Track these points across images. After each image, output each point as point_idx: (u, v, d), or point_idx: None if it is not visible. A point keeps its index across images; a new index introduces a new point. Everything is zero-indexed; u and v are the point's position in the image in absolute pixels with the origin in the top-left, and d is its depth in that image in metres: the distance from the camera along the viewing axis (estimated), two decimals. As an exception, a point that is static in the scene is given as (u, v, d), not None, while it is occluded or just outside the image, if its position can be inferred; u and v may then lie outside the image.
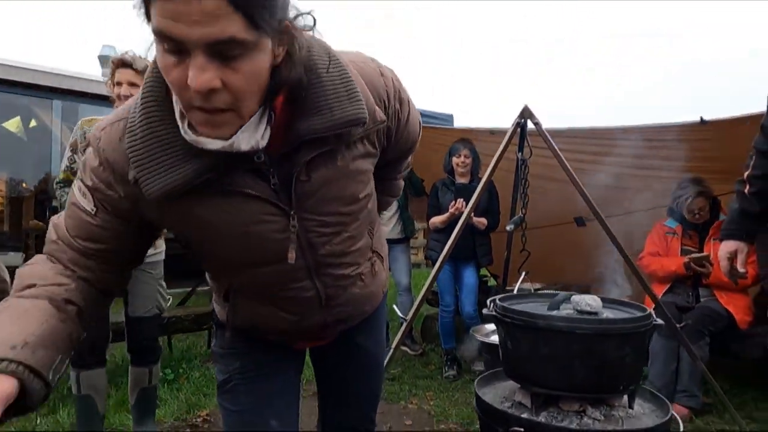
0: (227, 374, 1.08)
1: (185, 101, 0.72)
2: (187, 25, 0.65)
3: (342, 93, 0.83)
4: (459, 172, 3.60)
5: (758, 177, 1.67)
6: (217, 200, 0.82)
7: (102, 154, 0.82)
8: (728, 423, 2.69)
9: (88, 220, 0.84)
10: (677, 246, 3.10)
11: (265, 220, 0.86)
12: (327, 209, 0.90)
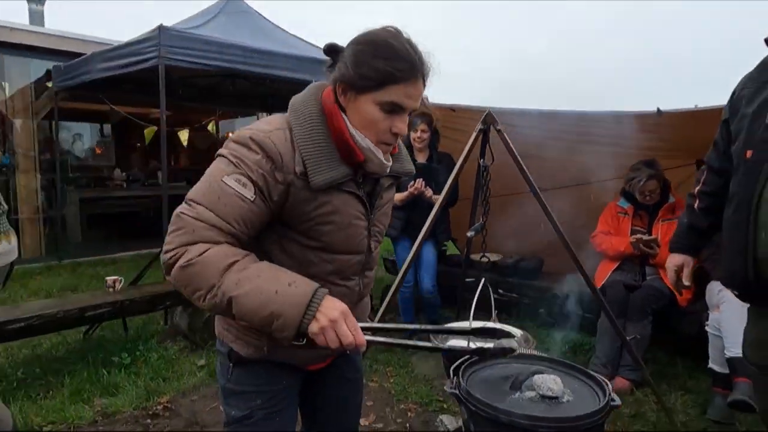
0: (248, 410, 1.21)
1: (379, 138, 1.11)
2: (414, 100, 1.10)
3: (404, 151, 1.30)
4: (417, 147, 3.54)
5: (707, 193, 1.70)
6: (342, 196, 1.13)
7: (269, 148, 1.05)
8: (663, 393, 2.91)
9: (247, 207, 1.04)
10: (627, 226, 3.21)
11: (360, 218, 1.19)
12: (383, 221, 1.28)
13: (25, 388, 2.96)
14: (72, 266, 6.01)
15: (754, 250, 1.37)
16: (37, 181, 6.31)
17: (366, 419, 2.74)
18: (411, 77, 1.07)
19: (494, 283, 3.98)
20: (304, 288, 0.99)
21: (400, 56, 1.05)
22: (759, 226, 1.35)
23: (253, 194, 1.04)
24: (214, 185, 1.04)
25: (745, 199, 1.39)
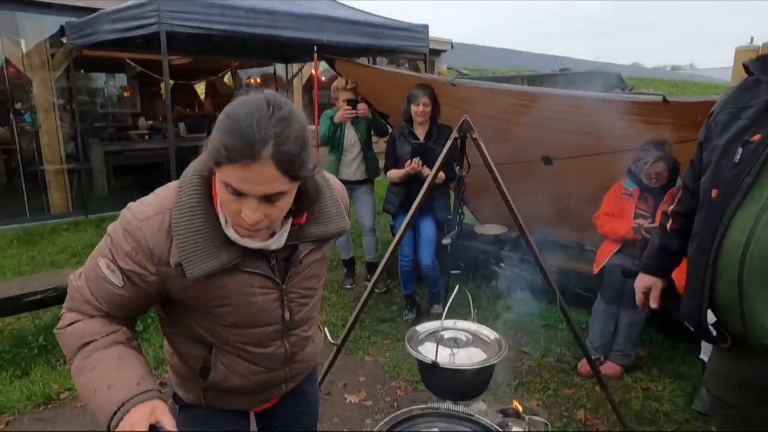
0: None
1: (234, 221, 0.98)
2: (251, 185, 0.91)
3: (333, 210, 1.18)
4: (418, 121, 3.45)
5: (681, 214, 1.62)
6: (233, 277, 1.06)
7: (139, 240, 1.00)
8: (653, 379, 2.92)
9: (116, 291, 1.04)
10: (631, 209, 3.10)
11: (267, 292, 1.12)
12: (307, 284, 1.20)
13: (45, 354, 3.21)
14: (97, 222, 6.27)
15: (710, 297, 1.32)
16: (59, 137, 6.47)
17: (357, 395, 2.87)
18: (242, 159, 0.88)
19: (497, 257, 3.99)
20: (116, 396, 0.96)
21: (235, 131, 0.88)
22: (717, 274, 1.29)
23: (122, 281, 1.02)
24: (93, 263, 1.06)
25: (706, 241, 1.32)
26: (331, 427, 2.60)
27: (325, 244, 1.21)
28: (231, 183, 0.91)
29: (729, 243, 1.26)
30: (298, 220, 1.11)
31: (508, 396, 2.79)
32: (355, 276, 4.47)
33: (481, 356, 1.91)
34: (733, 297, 1.27)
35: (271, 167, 0.89)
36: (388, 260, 4.41)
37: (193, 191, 1.02)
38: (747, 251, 1.22)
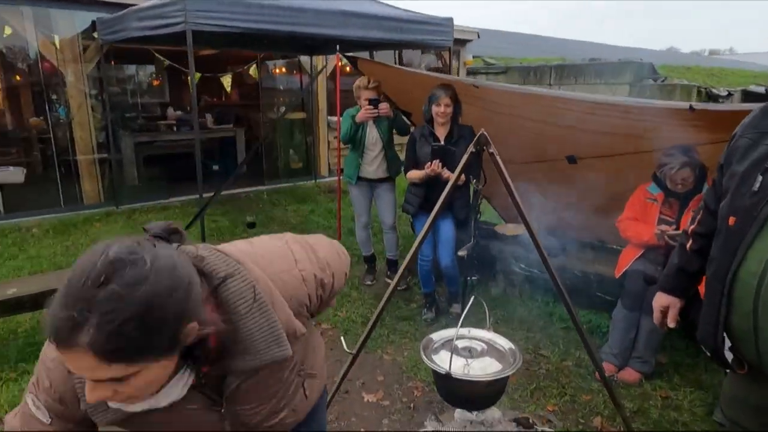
0: None
1: None
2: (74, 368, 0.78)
3: (268, 337, 0.95)
4: (439, 122, 3.43)
5: (701, 234, 1.59)
6: (161, 414, 0.95)
7: (52, 382, 0.94)
8: (673, 388, 2.89)
9: (44, 428, 0.97)
10: (655, 214, 3.04)
11: (202, 422, 1.02)
12: (255, 401, 1.07)
13: None
14: (128, 213, 6.46)
15: (725, 325, 1.31)
16: (91, 128, 6.66)
17: (375, 395, 2.92)
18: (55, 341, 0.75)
19: (517, 257, 3.97)
20: None
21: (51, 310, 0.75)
22: (732, 304, 1.28)
23: (48, 418, 0.96)
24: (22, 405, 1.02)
25: (722, 269, 1.30)
26: (349, 426, 2.66)
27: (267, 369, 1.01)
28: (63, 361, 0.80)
29: (745, 273, 1.25)
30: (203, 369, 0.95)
31: (525, 400, 2.81)
32: (375, 273, 4.52)
33: (495, 367, 1.94)
34: (749, 328, 1.25)
35: (86, 356, 0.73)
36: (405, 266, 4.46)
37: None
38: (763, 282, 1.21)
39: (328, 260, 1.19)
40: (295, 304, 1.05)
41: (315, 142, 8.65)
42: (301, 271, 1.08)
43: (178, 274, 0.81)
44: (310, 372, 1.26)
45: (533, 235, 2.02)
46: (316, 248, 1.17)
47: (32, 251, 5.10)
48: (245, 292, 0.93)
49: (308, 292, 1.09)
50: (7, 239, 5.41)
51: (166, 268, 0.79)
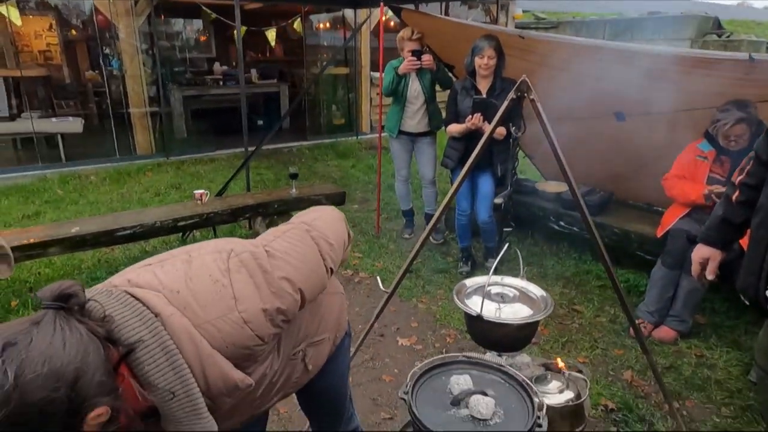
0: None
1: None
2: None
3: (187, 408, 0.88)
4: (481, 74, 3.38)
5: (749, 186, 1.56)
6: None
7: None
8: (709, 347, 2.87)
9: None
10: (705, 172, 2.94)
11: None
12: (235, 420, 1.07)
13: (135, 282, 3.62)
14: (177, 164, 6.73)
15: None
16: (143, 81, 6.89)
17: (408, 339, 3.04)
18: None
19: (557, 215, 3.95)
20: None
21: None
22: None
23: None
24: None
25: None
26: (382, 367, 2.79)
27: None
28: None
29: None
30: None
31: (556, 351, 2.86)
32: (413, 227, 4.59)
33: (526, 312, 1.98)
34: None
35: None
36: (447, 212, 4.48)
37: None
38: None
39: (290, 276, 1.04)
40: (238, 349, 0.96)
41: (357, 99, 8.64)
42: (241, 313, 0.96)
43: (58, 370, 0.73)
44: (313, 341, 1.26)
45: (574, 190, 2.00)
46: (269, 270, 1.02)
47: (91, 197, 5.43)
48: (158, 360, 0.85)
49: (255, 332, 0.97)
50: (68, 185, 5.77)
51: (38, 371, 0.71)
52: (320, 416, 1.55)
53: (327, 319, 1.33)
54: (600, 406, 2.43)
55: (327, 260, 1.14)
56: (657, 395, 2.52)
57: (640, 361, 2.77)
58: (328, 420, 1.55)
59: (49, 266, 3.77)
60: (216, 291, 0.96)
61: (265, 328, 0.98)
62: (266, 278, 1.00)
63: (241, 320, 0.95)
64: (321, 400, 1.46)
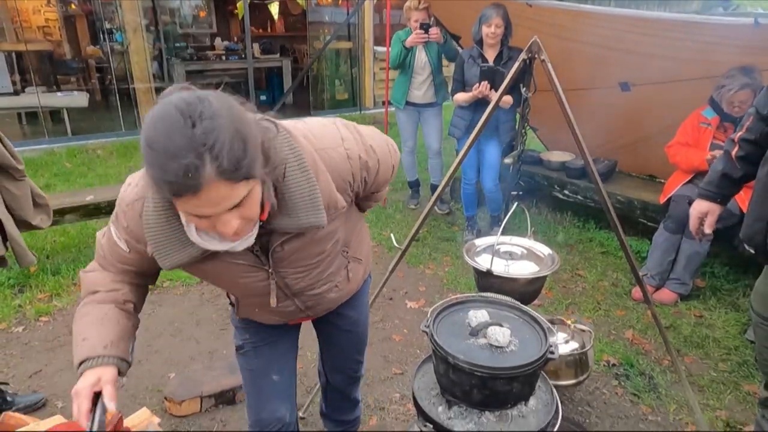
0: (241, 341, 1.44)
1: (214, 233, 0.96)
2: (209, 208, 0.86)
3: (307, 202, 1.04)
4: (488, 43, 3.41)
5: (749, 141, 1.62)
6: (214, 263, 1.09)
7: (126, 224, 1.08)
8: (708, 309, 2.97)
9: (124, 255, 1.13)
10: (708, 139, 3.00)
11: (250, 276, 1.16)
12: (298, 265, 1.18)
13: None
14: (183, 138, 6.76)
15: None
16: (147, 56, 6.88)
17: (417, 302, 3.14)
18: (186, 193, 0.82)
19: (561, 184, 4.01)
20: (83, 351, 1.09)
21: (168, 168, 0.80)
22: None
23: (127, 249, 1.11)
24: (109, 224, 1.15)
25: None
26: (392, 327, 2.89)
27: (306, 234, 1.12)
28: (190, 212, 0.88)
29: None
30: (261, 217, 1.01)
31: (560, 313, 2.96)
32: (419, 197, 4.66)
33: (533, 268, 2.07)
34: None
35: (219, 185, 0.82)
36: (453, 182, 4.53)
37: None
38: None
39: (375, 147, 1.20)
40: (339, 179, 1.11)
41: (360, 74, 8.62)
42: (346, 150, 1.12)
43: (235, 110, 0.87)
44: (354, 256, 1.37)
45: (585, 155, 2.05)
46: (363, 134, 1.20)
47: (99, 170, 5.49)
48: (290, 155, 1.01)
49: (352, 170, 1.13)
50: (76, 159, 5.82)
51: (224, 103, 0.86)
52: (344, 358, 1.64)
53: (364, 244, 1.44)
54: (602, 362, 2.54)
55: (394, 157, 1.30)
56: (657, 352, 2.62)
57: (642, 320, 2.87)
58: (352, 364, 1.66)
59: (64, 235, 3.85)
60: (327, 130, 1.14)
61: (357, 173, 1.15)
62: (362, 139, 1.18)
63: (346, 155, 1.12)
64: (350, 335, 1.56)
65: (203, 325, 2.90)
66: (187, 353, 2.66)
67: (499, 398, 1.13)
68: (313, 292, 1.28)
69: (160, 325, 2.89)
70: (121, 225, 1.09)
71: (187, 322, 2.93)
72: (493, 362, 1.10)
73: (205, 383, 2.29)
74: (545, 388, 1.28)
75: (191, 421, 2.20)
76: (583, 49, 3.60)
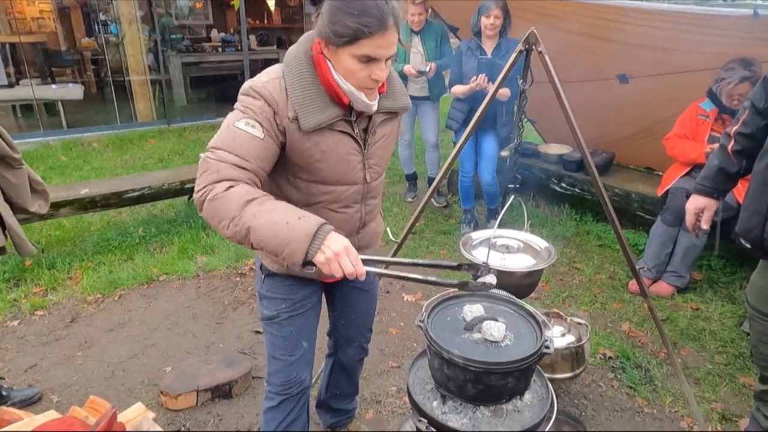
0: (275, 311, 1.52)
1: (361, 85, 1.21)
2: (384, 50, 1.17)
3: (399, 88, 1.40)
4: (487, 34, 3.38)
5: (745, 135, 1.61)
6: (333, 135, 1.29)
7: (266, 96, 1.21)
8: (705, 302, 2.97)
9: (259, 144, 1.20)
10: (706, 131, 2.99)
11: (354, 154, 1.34)
12: (380, 153, 1.42)
13: (144, 243, 3.69)
14: (179, 130, 6.73)
15: None
16: (142, 48, 6.83)
17: (414, 296, 3.14)
18: (380, 30, 1.13)
19: (558, 176, 4.00)
20: (311, 222, 1.10)
21: (368, 11, 1.12)
22: None
23: (262, 133, 1.20)
24: (229, 131, 1.20)
25: None
26: (389, 321, 2.89)
27: (393, 119, 1.42)
28: (368, 53, 1.15)
29: None
30: (381, 90, 1.31)
31: (557, 306, 2.95)
32: (416, 190, 4.64)
33: (530, 262, 2.06)
34: None
35: (394, 32, 1.16)
36: (450, 175, 4.51)
37: (301, 62, 1.25)
38: None
39: None
40: None
41: (358, 66, 8.57)
42: None
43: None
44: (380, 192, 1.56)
45: (583, 148, 2.04)
46: None
47: (95, 163, 5.46)
48: None
49: None
50: (71, 152, 5.78)
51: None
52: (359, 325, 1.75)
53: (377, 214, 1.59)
54: (599, 354, 2.54)
55: None
56: (653, 344, 2.63)
57: (638, 313, 2.87)
58: (364, 332, 1.79)
59: (59, 228, 3.83)
60: None
61: None
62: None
63: None
64: (367, 295, 1.71)
65: (199, 319, 2.89)
66: (184, 347, 2.65)
67: (494, 393, 1.12)
68: (372, 202, 1.49)
69: (157, 318, 2.88)
70: (255, 107, 1.20)
71: (183, 315, 2.92)
72: (488, 357, 1.09)
73: (201, 377, 2.29)
74: (540, 383, 1.27)
75: (187, 415, 2.19)
76: (582, 41, 3.58)
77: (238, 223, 1.11)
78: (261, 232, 1.10)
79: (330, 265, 1.09)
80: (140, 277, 3.26)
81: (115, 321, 2.86)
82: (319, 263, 1.10)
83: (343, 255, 1.10)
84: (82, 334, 2.74)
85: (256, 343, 2.67)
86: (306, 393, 1.62)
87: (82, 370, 2.47)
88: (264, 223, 1.10)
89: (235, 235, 1.13)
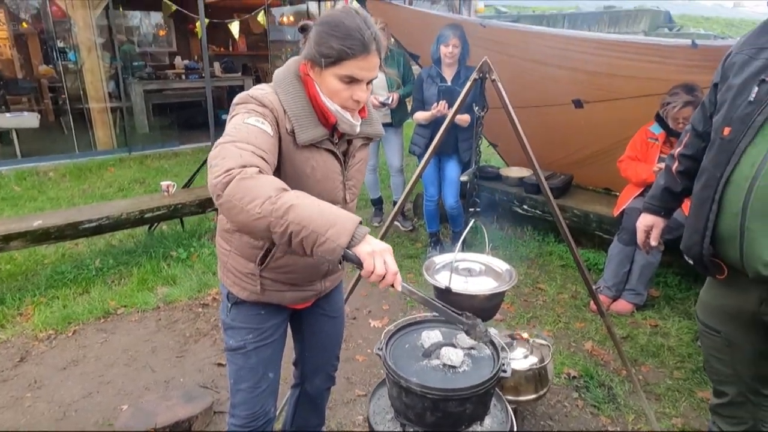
0: (242, 342, 1.49)
1: (343, 105, 1.28)
2: (367, 71, 1.24)
3: (375, 116, 1.49)
4: (446, 62, 3.48)
5: (687, 156, 1.69)
6: (321, 153, 1.34)
7: (267, 104, 1.25)
8: (663, 318, 3.06)
9: (270, 139, 1.22)
10: (656, 153, 3.12)
11: (336, 173, 1.39)
12: (357, 176, 1.48)
13: (102, 275, 3.56)
14: (140, 158, 6.60)
15: (712, 230, 1.41)
16: (102, 75, 6.71)
17: (380, 321, 3.12)
18: (363, 53, 1.21)
19: (520, 199, 4.09)
20: (348, 216, 1.08)
21: (353, 35, 1.20)
22: (722, 209, 1.37)
23: (272, 131, 1.22)
24: (241, 128, 1.18)
25: (714, 178, 1.39)
26: (356, 348, 2.86)
27: (367, 145, 1.50)
28: (351, 74, 1.23)
29: (737, 177, 1.33)
30: (362, 114, 1.40)
31: (522, 327, 2.99)
32: (382, 215, 4.66)
33: (492, 284, 2.08)
34: (735, 227, 1.35)
35: (376, 57, 1.24)
36: (414, 199, 4.55)
37: (292, 81, 1.32)
38: (754, 184, 1.29)
39: None
40: None
41: (323, 92, 8.64)
42: None
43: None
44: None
45: (537, 172, 2.10)
46: None
47: (51, 193, 5.28)
48: None
49: None
50: (26, 182, 5.59)
51: None
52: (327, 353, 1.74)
53: None
54: (563, 374, 2.57)
55: None
56: (615, 362, 2.67)
57: (600, 332, 2.92)
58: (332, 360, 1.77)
59: (10, 262, 3.67)
60: None
61: None
62: None
63: None
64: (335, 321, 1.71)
65: (159, 353, 2.79)
66: (142, 383, 2.55)
67: (453, 420, 1.12)
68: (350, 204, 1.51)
69: (113, 354, 2.77)
70: (260, 109, 1.24)
71: (142, 350, 2.81)
72: (445, 384, 1.09)
73: (159, 414, 2.19)
74: (501, 407, 1.27)
75: (144, 456, 2.10)
76: (537, 68, 3.71)
77: (276, 202, 1.04)
78: (304, 209, 1.05)
79: (375, 258, 1.07)
80: (96, 310, 3.14)
81: (69, 358, 2.73)
82: (364, 254, 1.06)
83: (388, 253, 1.10)
84: (31, 373, 2.61)
85: (219, 377, 2.59)
86: (271, 425, 1.60)
87: (31, 412, 2.34)
88: (308, 203, 1.06)
89: (268, 214, 1.04)
